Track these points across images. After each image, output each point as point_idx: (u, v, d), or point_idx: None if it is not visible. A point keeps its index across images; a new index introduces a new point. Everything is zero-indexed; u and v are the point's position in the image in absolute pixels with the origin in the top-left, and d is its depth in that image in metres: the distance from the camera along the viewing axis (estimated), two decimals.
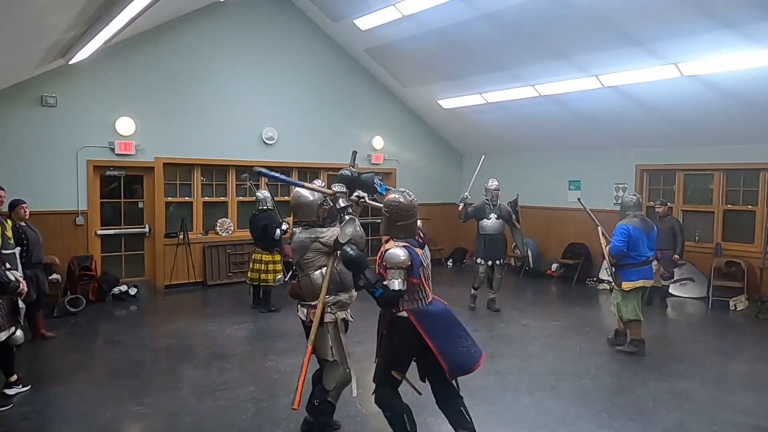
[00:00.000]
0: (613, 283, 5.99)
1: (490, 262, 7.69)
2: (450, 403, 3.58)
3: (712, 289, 8.24)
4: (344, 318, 3.90)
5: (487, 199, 7.81)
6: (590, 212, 6.38)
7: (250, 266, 7.78)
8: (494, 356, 5.87)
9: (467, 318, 7.47)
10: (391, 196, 3.60)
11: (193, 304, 8.40)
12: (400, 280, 3.26)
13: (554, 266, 10.40)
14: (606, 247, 5.91)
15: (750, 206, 8.44)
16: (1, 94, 7.68)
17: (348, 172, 3.93)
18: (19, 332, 4.63)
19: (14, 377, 4.72)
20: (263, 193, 7.96)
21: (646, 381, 5.13)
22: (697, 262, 8.65)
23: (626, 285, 5.74)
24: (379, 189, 4.17)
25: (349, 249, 3.36)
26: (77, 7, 5.66)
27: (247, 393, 4.77)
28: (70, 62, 7.57)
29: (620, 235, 5.73)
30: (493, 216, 7.69)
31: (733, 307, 7.92)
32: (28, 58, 7.00)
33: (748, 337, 6.80)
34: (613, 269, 5.85)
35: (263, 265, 7.63)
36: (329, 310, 3.78)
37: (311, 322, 3.74)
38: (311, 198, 3.92)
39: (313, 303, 3.78)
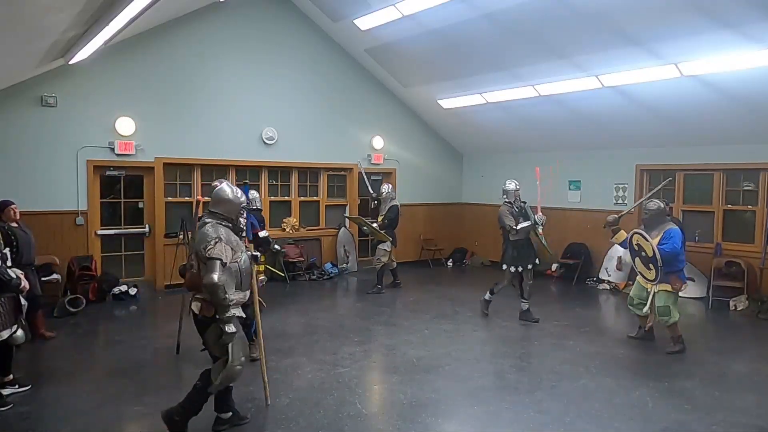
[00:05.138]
0: (658, 284, 5.92)
1: (520, 268, 7.12)
2: None
3: (712, 289, 8.24)
4: (238, 315, 3.88)
5: (509, 203, 7.16)
6: (644, 237, 6.15)
7: None
8: (494, 356, 5.88)
9: (466, 316, 7.49)
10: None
11: None
12: None
13: (554, 266, 10.40)
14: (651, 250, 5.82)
15: (750, 206, 8.45)
16: (1, 94, 7.67)
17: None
18: (20, 332, 4.63)
19: (10, 377, 4.72)
20: (252, 192, 7.87)
21: (646, 381, 5.12)
22: (697, 262, 8.64)
23: (685, 285, 6.00)
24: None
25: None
26: (77, 7, 5.66)
27: (247, 393, 4.76)
28: (70, 62, 7.57)
29: (678, 237, 5.91)
30: (522, 220, 7.08)
31: (733, 307, 7.92)
32: (28, 58, 7.00)
33: (748, 337, 6.80)
34: (660, 270, 5.83)
35: None
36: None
37: (203, 315, 3.73)
38: (231, 197, 3.93)
39: (208, 297, 3.69)
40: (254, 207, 7.70)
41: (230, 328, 3.69)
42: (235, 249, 3.82)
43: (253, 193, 7.87)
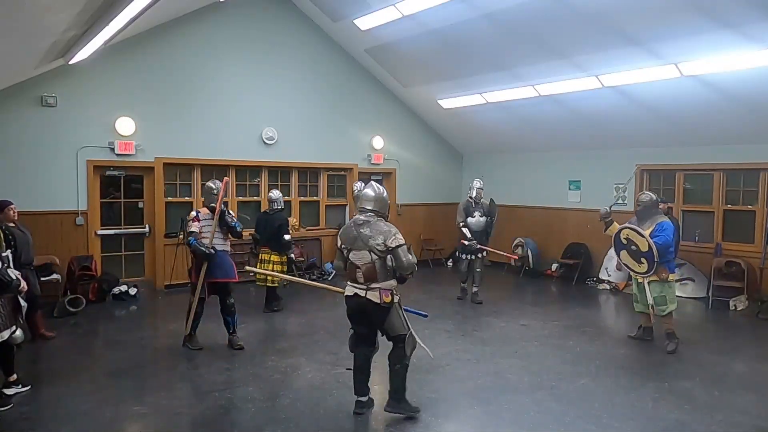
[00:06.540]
0: (648, 276, 5.97)
1: (471, 257, 8.21)
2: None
3: (712, 289, 8.24)
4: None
5: (470, 198, 8.33)
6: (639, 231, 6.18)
7: (258, 266, 7.66)
8: (494, 356, 5.87)
9: (466, 316, 7.49)
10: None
11: None
12: None
13: (554, 266, 10.40)
14: (647, 243, 5.88)
15: (750, 206, 8.44)
16: (1, 94, 7.67)
17: None
18: (19, 332, 4.64)
19: (13, 377, 4.72)
20: (276, 193, 7.87)
21: (646, 381, 5.13)
22: (697, 262, 8.64)
23: (672, 276, 6.07)
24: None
25: None
26: (77, 7, 5.66)
27: (247, 393, 4.76)
28: (70, 62, 7.56)
29: (671, 230, 5.98)
30: (477, 214, 8.25)
31: (733, 307, 7.92)
32: (28, 58, 7.00)
33: (748, 337, 6.80)
34: (655, 264, 5.89)
35: (272, 266, 7.50)
36: (395, 291, 4.29)
37: (385, 303, 4.20)
38: (384, 194, 4.42)
39: (384, 286, 4.20)
40: (276, 208, 7.70)
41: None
42: None
43: (276, 193, 7.84)
